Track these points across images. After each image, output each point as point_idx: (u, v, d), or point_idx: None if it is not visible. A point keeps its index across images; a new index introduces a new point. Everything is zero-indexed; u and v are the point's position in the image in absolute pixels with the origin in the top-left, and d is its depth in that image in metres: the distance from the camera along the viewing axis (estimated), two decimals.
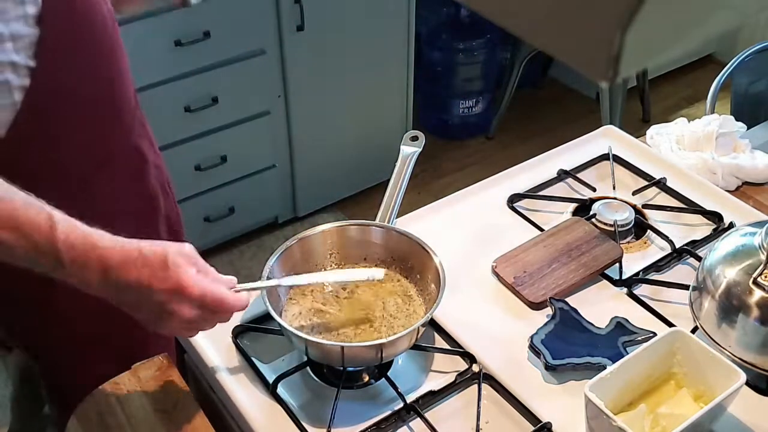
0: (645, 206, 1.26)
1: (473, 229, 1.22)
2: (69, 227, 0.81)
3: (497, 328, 1.05)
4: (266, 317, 1.04)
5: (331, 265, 1.06)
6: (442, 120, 3.07)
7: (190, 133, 2.19)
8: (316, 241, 1.05)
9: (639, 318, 1.05)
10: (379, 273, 0.98)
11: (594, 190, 1.29)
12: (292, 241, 1.03)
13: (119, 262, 0.82)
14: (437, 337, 1.04)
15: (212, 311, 0.86)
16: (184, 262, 0.84)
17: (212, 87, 2.14)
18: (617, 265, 1.13)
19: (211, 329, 1.03)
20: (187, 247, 0.87)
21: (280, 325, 0.93)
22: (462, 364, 1.00)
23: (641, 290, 1.11)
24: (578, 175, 1.32)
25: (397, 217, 1.13)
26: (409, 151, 1.19)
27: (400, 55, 2.49)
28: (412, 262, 1.04)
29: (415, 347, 0.99)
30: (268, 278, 0.98)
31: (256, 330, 1.04)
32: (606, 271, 1.13)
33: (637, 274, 1.12)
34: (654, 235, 1.20)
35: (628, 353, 0.95)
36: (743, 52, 1.89)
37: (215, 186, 2.33)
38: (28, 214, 0.80)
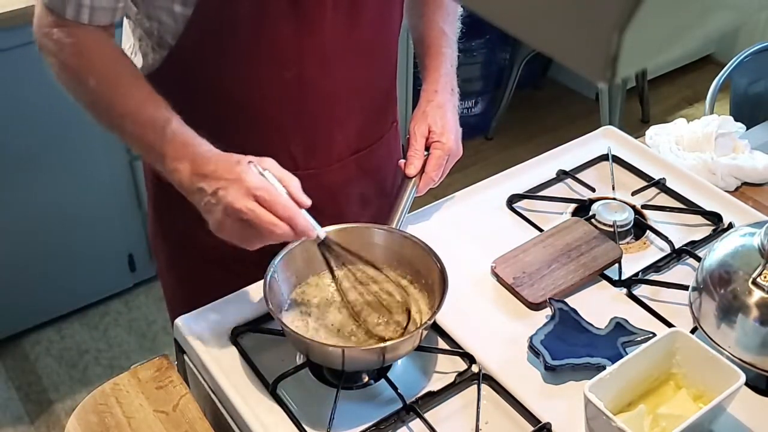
0: (644, 207, 1.26)
1: (473, 229, 1.22)
2: (176, 129, 0.96)
3: (497, 329, 1.05)
4: (266, 317, 1.04)
5: (334, 267, 1.06)
6: None
7: None
8: None
9: (638, 318, 1.05)
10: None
11: (593, 190, 1.29)
12: (295, 243, 1.02)
13: (205, 157, 0.94)
14: (437, 337, 1.04)
15: (267, 205, 0.90)
16: (255, 162, 0.93)
17: None
18: (617, 265, 1.13)
19: (210, 330, 1.03)
20: (269, 160, 0.95)
21: (281, 325, 0.93)
22: (461, 365, 1.00)
23: (641, 291, 1.11)
24: (578, 176, 1.32)
25: None
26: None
27: (399, 56, 2.48)
28: (415, 264, 1.04)
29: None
30: (271, 279, 0.97)
31: (256, 330, 1.04)
32: (605, 272, 1.13)
33: (636, 274, 1.12)
34: (653, 235, 1.20)
35: (627, 354, 0.95)
36: (742, 52, 1.89)
37: None
38: (149, 111, 0.98)
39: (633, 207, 1.23)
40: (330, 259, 1.00)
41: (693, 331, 0.99)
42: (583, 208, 1.25)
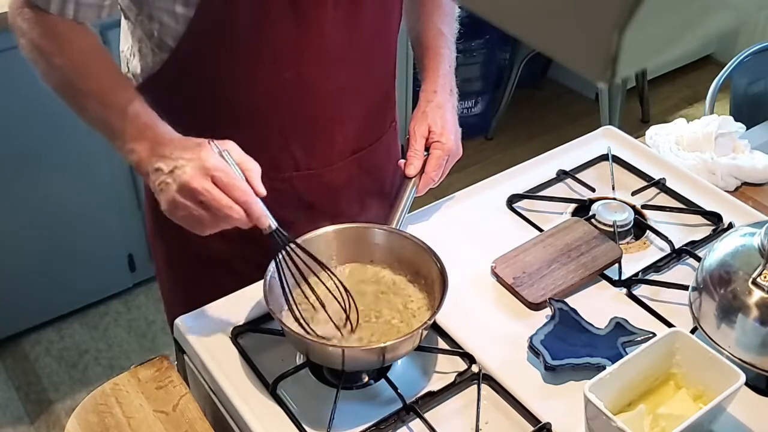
0: (644, 207, 1.26)
1: (472, 229, 1.22)
2: (138, 110, 0.96)
3: (496, 329, 1.05)
4: (266, 318, 1.04)
5: (334, 267, 1.06)
6: None
7: None
8: (319, 243, 1.05)
9: (638, 318, 1.05)
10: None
11: (593, 190, 1.29)
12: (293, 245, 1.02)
13: (165, 138, 0.94)
14: (437, 337, 1.04)
15: (224, 187, 0.89)
16: (216, 143, 0.93)
17: None
18: (616, 265, 1.13)
19: (210, 330, 1.03)
20: (230, 143, 0.94)
21: (281, 325, 0.93)
22: (461, 365, 1.00)
23: (640, 291, 1.11)
24: (577, 176, 1.32)
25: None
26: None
27: (399, 56, 2.48)
28: (414, 264, 1.04)
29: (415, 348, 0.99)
30: (271, 279, 0.97)
31: (256, 330, 1.04)
32: (605, 272, 1.13)
33: (636, 274, 1.12)
34: (653, 235, 1.20)
35: (627, 354, 0.95)
36: (742, 52, 1.89)
37: None
38: (116, 92, 0.98)
39: (633, 207, 1.23)
40: (281, 252, 0.97)
41: (693, 331, 0.99)
42: (583, 208, 1.25)
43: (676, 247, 1.17)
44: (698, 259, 1.13)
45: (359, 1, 1.05)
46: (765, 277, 0.93)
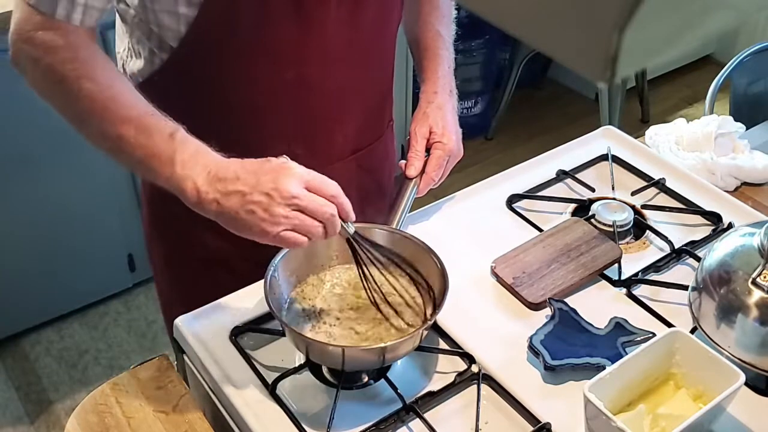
0: (644, 207, 1.26)
1: (472, 229, 1.22)
2: (186, 136, 0.93)
3: (496, 329, 1.05)
4: (266, 317, 1.04)
5: (334, 266, 1.06)
6: None
7: None
8: (319, 243, 1.05)
9: (638, 318, 1.05)
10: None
11: (593, 190, 1.29)
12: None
13: (223, 163, 0.91)
14: (437, 337, 1.04)
15: (317, 188, 0.90)
16: (286, 159, 0.92)
17: None
18: (616, 265, 1.13)
19: (209, 330, 1.03)
20: (284, 158, 0.93)
21: (281, 325, 0.93)
22: (461, 365, 1.00)
23: (640, 291, 1.11)
24: (577, 176, 1.32)
25: None
26: None
27: (399, 57, 2.48)
28: (415, 264, 1.04)
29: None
30: (271, 278, 0.97)
31: (256, 330, 1.04)
32: (605, 272, 1.13)
33: (636, 274, 1.12)
34: (653, 235, 1.20)
35: (627, 353, 0.95)
36: (742, 52, 1.89)
37: None
38: (154, 119, 0.93)
39: (633, 207, 1.23)
40: (358, 251, 0.99)
41: (693, 331, 0.99)
42: (582, 208, 1.25)
43: (676, 247, 1.17)
44: (698, 259, 1.13)
45: (361, 1, 1.05)
46: (765, 277, 0.93)
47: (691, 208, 1.26)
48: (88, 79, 0.93)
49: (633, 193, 1.28)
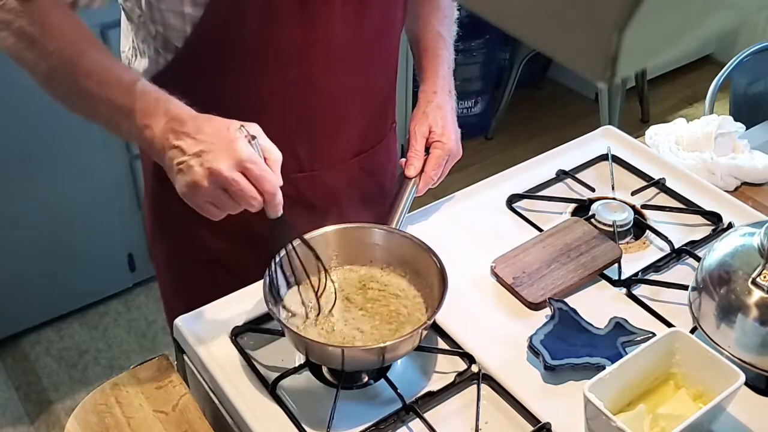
0: (644, 206, 1.26)
1: (472, 229, 1.22)
2: (147, 85, 0.93)
3: (496, 329, 1.05)
4: (266, 317, 1.04)
5: (334, 267, 1.06)
6: None
7: None
8: (319, 243, 1.05)
9: (638, 318, 1.05)
10: None
11: (593, 190, 1.29)
12: (295, 242, 1.02)
13: (183, 114, 0.91)
14: (437, 337, 1.04)
15: (254, 179, 0.88)
16: (245, 126, 0.90)
17: None
18: (616, 265, 1.13)
19: (210, 330, 1.03)
20: (255, 126, 0.91)
21: (281, 325, 0.93)
22: (461, 365, 1.00)
23: (640, 290, 1.11)
24: (577, 176, 1.32)
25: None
26: None
27: (400, 57, 2.48)
28: (414, 264, 1.04)
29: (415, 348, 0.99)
30: (271, 279, 0.97)
31: (256, 330, 1.04)
32: (605, 272, 1.13)
33: (636, 274, 1.12)
34: (653, 235, 1.20)
35: (627, 353, 0.95)
36: (742, 52, 1.89)
37: None
38: (116, 71, 0.94)
39: (633, 207, 1.23)
40: (284, 240, 0.98)
41: (693, 331, 0.99)
42: (582, 208, 1.25)
43: (676, 247, 1.17)
44: (698, 259, 1.13)
45: (366, 2, 1.05)
46: (765, 277, 0.93)
47: (691, 208, 1.26)
48: (54, 38, 0.94)
49: (633, 193, 1.28)
